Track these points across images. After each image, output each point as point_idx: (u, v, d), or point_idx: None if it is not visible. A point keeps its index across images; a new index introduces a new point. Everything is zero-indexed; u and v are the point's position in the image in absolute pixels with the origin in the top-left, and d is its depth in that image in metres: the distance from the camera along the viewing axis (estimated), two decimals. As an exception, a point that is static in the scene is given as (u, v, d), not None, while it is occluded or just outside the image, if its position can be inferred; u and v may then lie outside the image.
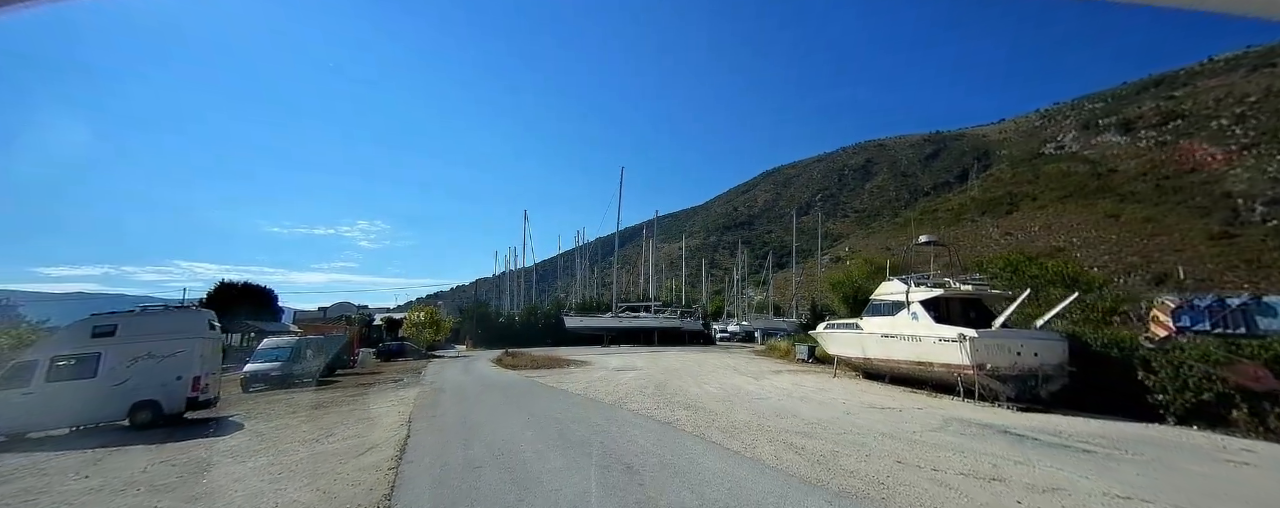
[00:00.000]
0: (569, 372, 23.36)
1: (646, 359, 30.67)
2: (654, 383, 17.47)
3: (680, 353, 37.19)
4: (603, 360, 30.52)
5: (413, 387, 19.52)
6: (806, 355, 27.11)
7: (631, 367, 25.20)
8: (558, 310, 56.24)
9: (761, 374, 20.37)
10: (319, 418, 12.93)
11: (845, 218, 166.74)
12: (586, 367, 26.06)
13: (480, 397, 15.69)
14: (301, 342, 23.74)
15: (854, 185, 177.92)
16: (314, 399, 17.06)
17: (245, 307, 61.41)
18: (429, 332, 45.05)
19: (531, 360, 30.11)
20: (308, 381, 24.34)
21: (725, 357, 32.50)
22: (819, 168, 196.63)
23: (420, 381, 22.28)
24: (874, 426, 9.62)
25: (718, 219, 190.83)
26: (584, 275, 72.67)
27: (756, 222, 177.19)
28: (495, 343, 53.46)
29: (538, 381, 19.38)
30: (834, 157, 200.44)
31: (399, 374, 27.15)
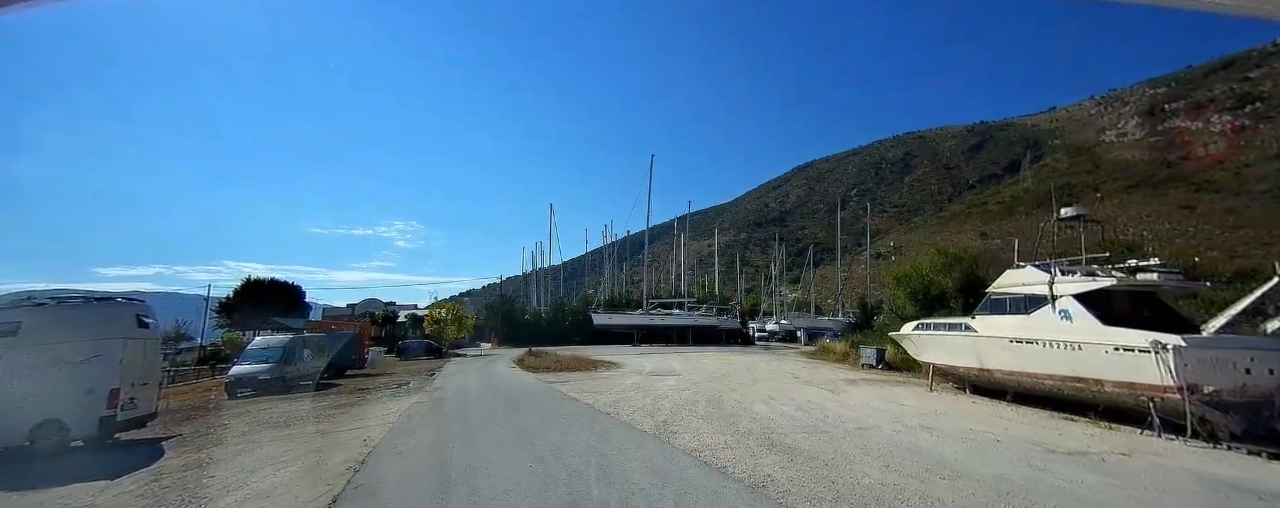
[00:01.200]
0: (597, 376, 19.79)
1: (684, 361, 26.87)
2: (704, 396, 13.69)
3: (720, 354, 33.22)
4: (635, 362, 26.88)
5: (413, 395, 16.27)
6: (874, 360, 22.86)
7: (669, 371, 21.46)
8: (586, 307, 52.97)
9: (834, 384, 16.35)
10: (271, 443, 9.69)
11: (883, 213, 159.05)
12: (617, 370, 22.47)
13: (484, 415, 12.22)
14: (296, 341, 20.90)
15: (892, 179, 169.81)
16: (290, 411, 13.94)
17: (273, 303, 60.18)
18: (452, 329, 42.32)
19: (556, 361, 26.71)
20: (305, 383, 21.51)
21: (774, 360, 28.42)
22: (854, 162, 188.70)
23: (427, 386, 19.07)
24: (1115, 502, 5.64)
25: (748, 216, 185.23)
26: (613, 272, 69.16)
27: (789, 218, 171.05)
28: (521, 341, 50.50)
29: (559, 389, 15.88)
30: (870, 150, 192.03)
31: (409, 376, 24.12)
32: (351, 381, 23.25)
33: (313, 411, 13.92)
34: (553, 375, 20.90)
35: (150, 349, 11.40)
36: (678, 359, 28.81)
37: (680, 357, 30.63)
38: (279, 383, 19.26)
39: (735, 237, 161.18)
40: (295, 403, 15.85)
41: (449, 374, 23.74)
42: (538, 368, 24.42)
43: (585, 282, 71.31)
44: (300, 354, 21.00)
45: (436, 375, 23.59)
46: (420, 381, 21.54)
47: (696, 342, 42.79)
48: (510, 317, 53.49)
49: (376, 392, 18.09)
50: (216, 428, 11.89)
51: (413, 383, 20.75)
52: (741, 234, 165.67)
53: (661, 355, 31.96)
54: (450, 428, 10.53)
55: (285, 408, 14.52)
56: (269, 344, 20.73)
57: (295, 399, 16.87)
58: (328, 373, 25.30)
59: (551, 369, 23.84)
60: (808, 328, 48.63)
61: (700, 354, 33.11)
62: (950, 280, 26.54)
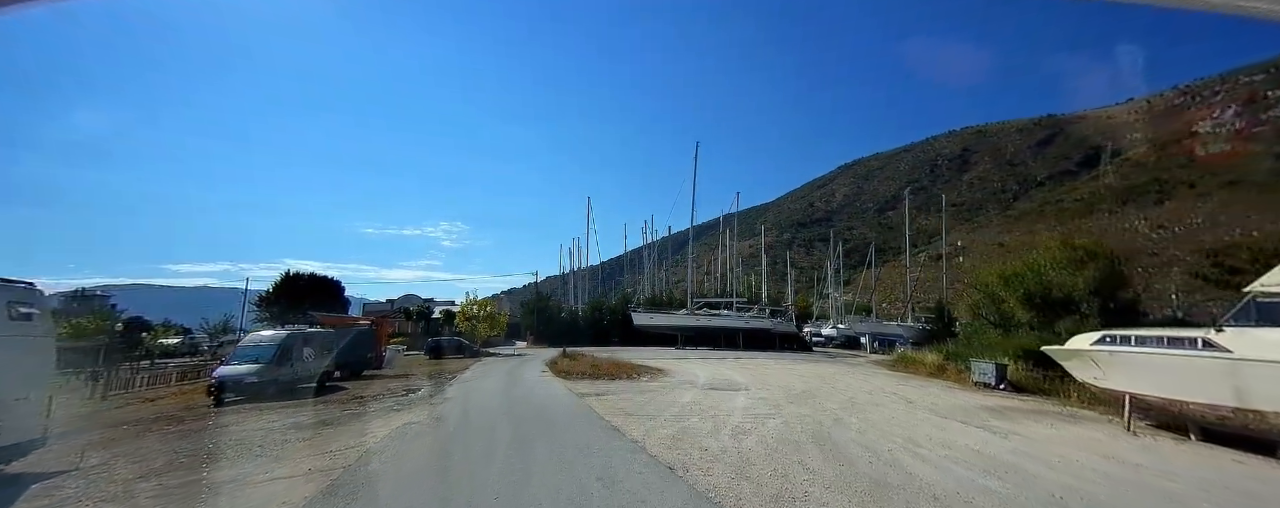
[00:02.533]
0: (642, 388, 15.83)
1: (744, 370, 22.57)
2: (803, 429, 9.49)
3: (781, 362, 28.67)
4: (684, 369, 22.78)
5: (415, 409, 12.75)
6: (993, 379, 17.96)
7: (731, 384, 17.25)
8: (625, 306, 49.18)
9: (973, 415, 11.78)
10: (173, 489, 6.23)
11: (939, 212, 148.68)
12: (664, 380, 18.44)
13: (483, 452, 8.41)
14: (293, 337, 17.84)
15: (949, 177, 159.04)
16: (251, 432, 10.61)
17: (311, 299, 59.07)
18: (484, 327, 39.36)
19: (592, 366, 22.93)
20: (306, 385, 18.49)
21: (853, 372, 23.73)
22: (906, 159, 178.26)
23: (438, 395, 15.60)
24: None
25: (791, 215, 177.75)
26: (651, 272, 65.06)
27: (835, 217, 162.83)
28: (557, 340, 47.18)
29: (595, 407, 12.03)
30: (923, 146, 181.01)
31: (426, 380, 20.84)
32: (360, 384, 20.14)
33: (279, 431, 10.52)
34: (588, 385, 17.06)
35: (32, 349, 8.12)
36: (734, 367, 24.51)
37: (737, 364, 26.29)
38: (271, 387, 16.19)
39: (778, 237, 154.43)
40: (272, 416, 12.58)
41: (470, 379, 20.31)
42: (571, 374, 20.68)
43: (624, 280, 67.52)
44: (299, 353, 17.94)
45: (456, 380, 20.21)
46: (434, 386, 18.16)
47: (748, 346, 38.29)
48: (546, 315, 50.32)
49: (377, 402, 14.70)
50: (128, 456, 8.58)
51: (424, 390, 17.37)
52: (784, 234, 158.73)
53: (713, 362, 27.72)
54: (431, 474, 6.79)
55: (250, 427, 11.20)
56: (261, 341, 17.74)
57: (279, 410, 13.63)
58: (342, 373, 22.44)
59: (587, 375, 20.05)
60: (874, 334, 43.20)
61: (758, 361, 28.64)
62: (1081, 280, 21.20)
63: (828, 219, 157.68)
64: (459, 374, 22.46)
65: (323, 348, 19.87)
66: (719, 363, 26.63)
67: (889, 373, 23.43)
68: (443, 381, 20.04)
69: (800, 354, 36.63)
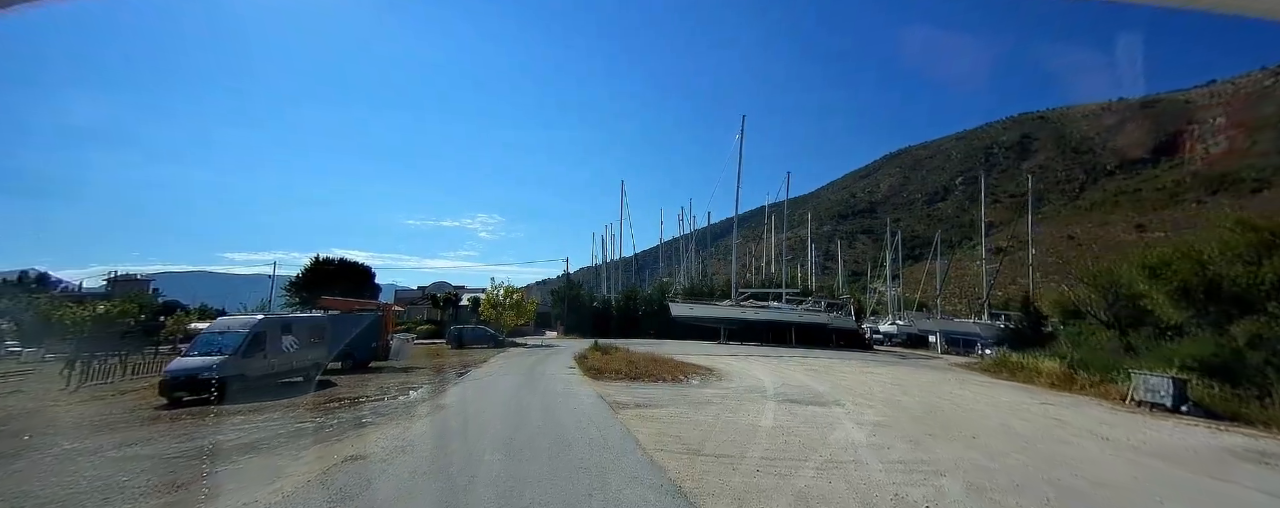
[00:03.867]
0: (694, 398, 11.84)
1: (814, 374, 18.29)
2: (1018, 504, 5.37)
3: (849, 363, 24.17)
4: (739, 369, 18.70)
5: (390, 425, 9.18)
6: (1170, 398, 13.15)
7: (812, 394, 13.09)
8: (661, 296, 45.25)
9: (1210, 463, 7.39)
10: None
11: (997, 203, 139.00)
12: (720, 385, 14.42)
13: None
14: (268, 324, 14.64)
15: (1006, 165, 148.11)
16: (156, 454, 7.19)
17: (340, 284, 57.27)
18: (511, 315, 36.15)
19: (627, 362, 19.10)
20: (291, 379, 15.39)
21: (949, 379, 19.11)
22: (957, 147, 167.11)
23: (432, 402, 12.05)
24: None
25: (832, 207, 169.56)
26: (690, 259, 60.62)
27: (880, 209, 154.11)
28: (589, 331, 43.75)
29: (639, 432, 8.17)
30: (977, 134, 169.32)
31: (431, 376, 17.50)
32: (356, 380, 16.90)
33: (185, 456, 7.07)
34: (624, 390, 13.22)
35: None
36: (799, 368, 20.24)
37: (800, 365, 21.97)
38: (237, 383, 13.02)
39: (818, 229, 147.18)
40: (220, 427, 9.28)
41: (482, 376, 16.78)
42: (603, 372, 16.89)
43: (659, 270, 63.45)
44: (276, 343, 14.72)
45: (465, 377, 16.75)
46: (435, 387, 14.69)
47: (801, 342, 33.80)
48: (577, 304, 46.94)
49: (351, 409, 11.24)
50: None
51: (423, 390, 13.91)
52: (824, 227, 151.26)
53: (772, 360, 23.51)
54: None
55: (154, 449, 7.82)
56: (230, 327, 14.58)
57: (220, 418, 10.35)
58: (345, 365, 19.39)
59: (621, 375, 16.22)
60: (945, 332, 37.85)
61: (822, 361, 24.21)
62: (1273, 271, 15.93)
63: (872, 210, 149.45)
64: (473, 369, 19.04)
65: (313, 336, 16.69)
66: (779, 362, 22.40)
67: (996, 382, 18.72)
68: (449, 378, 16.60)
69: (863, 353, 31.91)
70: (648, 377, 16.04)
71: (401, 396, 13.01)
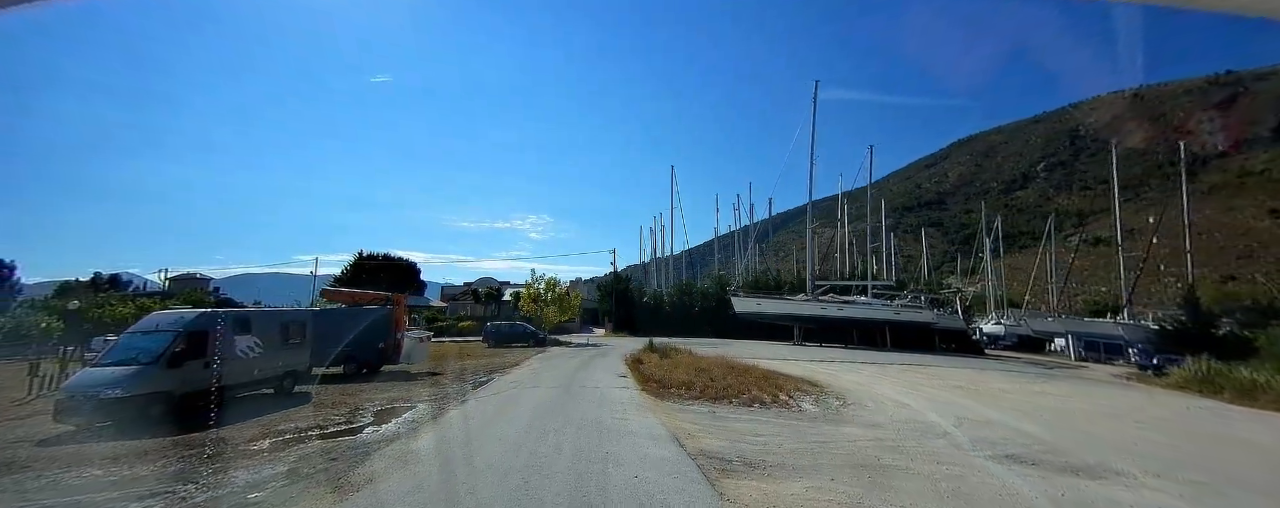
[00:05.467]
0: (835, 448, 6.58)
1: (969, 394, 12.58)
2: None
3: (986, 374, 18.13)
4: (855, 384, 13.22)
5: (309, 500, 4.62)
6: None
7: (1038, 445, 7.57)
8: (721, 290, 39.78)
9: None
10: None
11: (1086, 190, 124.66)
12: (851, 414, 9.08)
13: None
14: (212, 320, 10.54)
15: (1095, 149, 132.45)
16: None
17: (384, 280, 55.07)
18: (552, 311, 31.85)
19: (696, 371, 14.02)
20: (264, 390, 11.41)
21: (1174, 404, 12.92)
22: (1035, 132, 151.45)
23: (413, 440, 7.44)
24: None
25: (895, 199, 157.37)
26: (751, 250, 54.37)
27: (948, 200, 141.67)
28: (639, 329, 38.92)
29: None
30: (1057, 116, 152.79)
31: (441, 387, 13.11)
32: (344, 390, 12.73)
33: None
34: (705, 419, 8.19)
35: None
36: (935, 383, 14.53)
37: (926, 376, 16.19)
38: (159, 403, 9.06)
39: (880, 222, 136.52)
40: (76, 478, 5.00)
41: (504, 390, 12.16)
42: (667, 387, 11.89)
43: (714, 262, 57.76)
44: (228, 346, 10.62)
45: (485, 389, 12.24)
46: (439, 404, 10.18)
47: (898, 345, 27.60)
48: (625, 299, 42.23)
49: (281, 452, 6.80)
50: None
51: (414, 413, 9.41)
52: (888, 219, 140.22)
53: (880, 369, 17.82)
54: None
55: None
56: (160, 325, 10.58)
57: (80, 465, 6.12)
58: (349, 367, 15.43)
59: (693, 391, 11.18)
60: (1080, 335, 30.40)
61: (951, 372, 18.25)
62: None
63: (940, 202, 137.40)
64: (497, 377, 14.54)
65: (287, 336, 12.60)
66: (897, 373, 16.70)
67: (1266, 412, 12.34)
68: (461, 392, 12.08)
69: (983, 361, 25.39)
70: (732, 395, 10.92)
71: (377, 425, 8.51)
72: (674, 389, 11.66)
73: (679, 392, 11.34)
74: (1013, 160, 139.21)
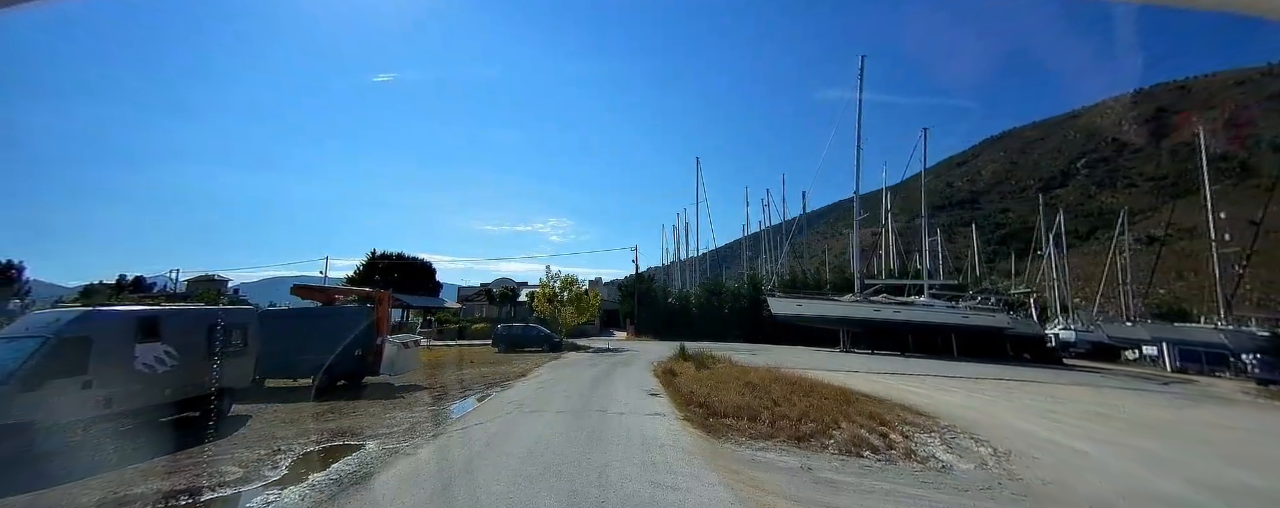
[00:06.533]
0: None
1: (1139, 433, 8.88)
2: None
3: (1102, 392, 14.26)
4: (969, 410, 9.52)
5: None
6: None
7: None
8: (754, 290, 36.12)
9: None
10: None
11: (1131, 187, 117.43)
12: (1063, 487, 5.53)
13: None
14: (98, 324, 7.61)
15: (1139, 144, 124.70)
16: None
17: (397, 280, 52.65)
18: (569, 312, 28.65)
19: (749, 389, 10.58)
20: (188, 412, 8.48)
21: None
22: (1073, 127, 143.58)
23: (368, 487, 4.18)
24: None
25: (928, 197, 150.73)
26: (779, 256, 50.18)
27: (982, 199, 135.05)
28: (664, 331, 35.53)
29: None
30: (1098, 110, 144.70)
31: (412, 413, 9.92)
32: (295, 412, 9.67)
33: None
34: (801, 486, 4.80)
35: None
36: (1072, 409, 10.81)
37: (1048, 398, 12.43)
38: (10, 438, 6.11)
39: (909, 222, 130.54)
40: None
41: (502, 413, 8.87)
42: (719, 414, 8.46)
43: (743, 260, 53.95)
44: (125, 357, 7.67)
45: (477, 412, 9.03)
46: (410, 437, 6.97)
47: (966, 353, 23.61)
48: (649, 300, 38.86)
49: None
50: None
51: (363, 455, 6.19)
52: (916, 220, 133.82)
53: (985, 385, 14.09)
54: None
55: None
56: (30, 329, 7.61)
57: None
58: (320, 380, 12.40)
59: (762, 427, 7.71)
60: (1175, 342, 25.92)
61: (1066, 391, 14.42)
62: None
63: (974, 201, 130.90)
64: (495, 394, 11.34)
65: (217, 342, 9.57)
66: (1009, 394, 12.95)
67: None
68: (438, 422, 8.87)
69: (1072, 372, 21.26)
70: (819, 432, 7.45)
71: (280, 486, 5.31)
72: (728, 419, 8.24)
73: (738, 423, 7.91)
74: (1051, 157, 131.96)
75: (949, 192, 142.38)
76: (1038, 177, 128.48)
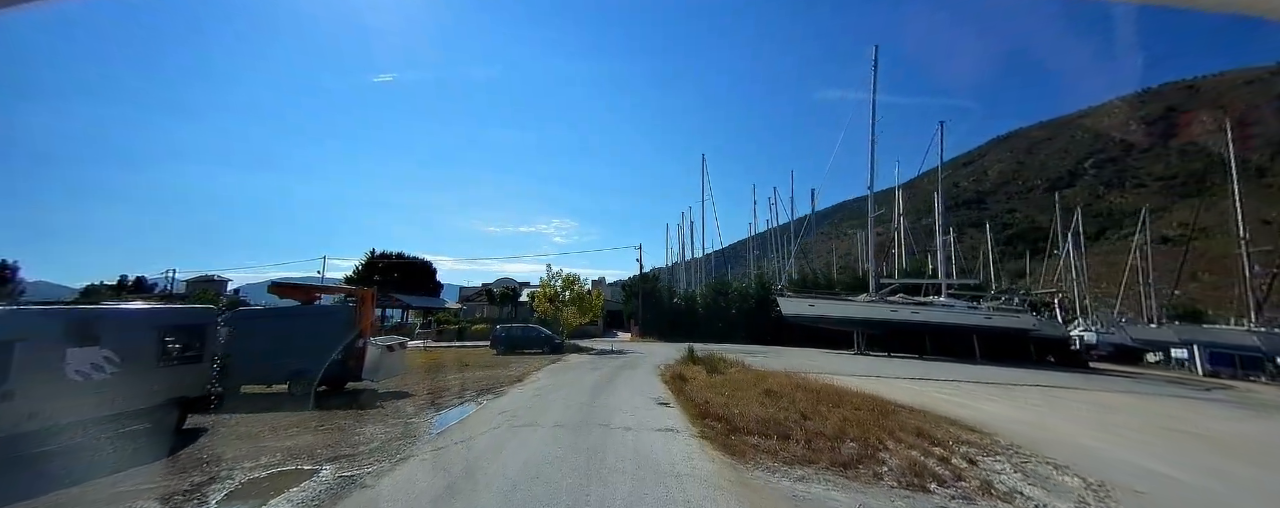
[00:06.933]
0: None
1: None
2: None
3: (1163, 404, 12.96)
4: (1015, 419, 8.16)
5: None
6: None
7: None
8: (763, 290, 34.85)
9: None
10: None
11: (1140, 188, 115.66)
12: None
13: None
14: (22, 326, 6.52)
15: (1147, 144, 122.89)
16: None
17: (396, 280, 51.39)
18: (571, 312, 27.46)
19: (769, 398, 9.36)
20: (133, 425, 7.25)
21: None
22: (1081, 127, 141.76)
23: None
24: None
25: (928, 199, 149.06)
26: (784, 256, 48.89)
27: (988, 199, 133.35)
28: (669, 332, 34.31)
29: None
30: (1104, 110, 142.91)
31: (390, 426, 8.69)
32: (260, 422, 8.49)
33: None
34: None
35: None
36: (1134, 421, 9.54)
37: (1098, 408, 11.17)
38: None
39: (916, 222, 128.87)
40: None
41: (490, 426, 7.65)
42: (741, 430, 7.23)
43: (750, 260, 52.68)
44: (51, 365, 6.50)
45: (462, 426, 7.79)
46: (376, 459, 5.77)
47: (990, 356, 22.28)
48: (653, 300, 37.62)
49: None
50: None
51: (317, 482, 5.02)
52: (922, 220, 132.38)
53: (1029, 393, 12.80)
54: None
55: None
56: None
57: None
58: (296, 387, 11.24)
59: (796, 449, 6.51)
60: (1209, 345, 24.55)
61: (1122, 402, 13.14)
62: None
63: (980, 201, 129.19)
64: (487, 403, 10.14)
65: (169, 347, 8.42)
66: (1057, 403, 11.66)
67: None
68: (414, 439, 7.65)
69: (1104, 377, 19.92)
70: (865, 456, 6.22)
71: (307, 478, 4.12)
72: (753, 436, 7.00)
73: (765, 442, 6.68)
74: (1057, 157, 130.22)
75: (955, 192, 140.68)
76: (1045, 177, 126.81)
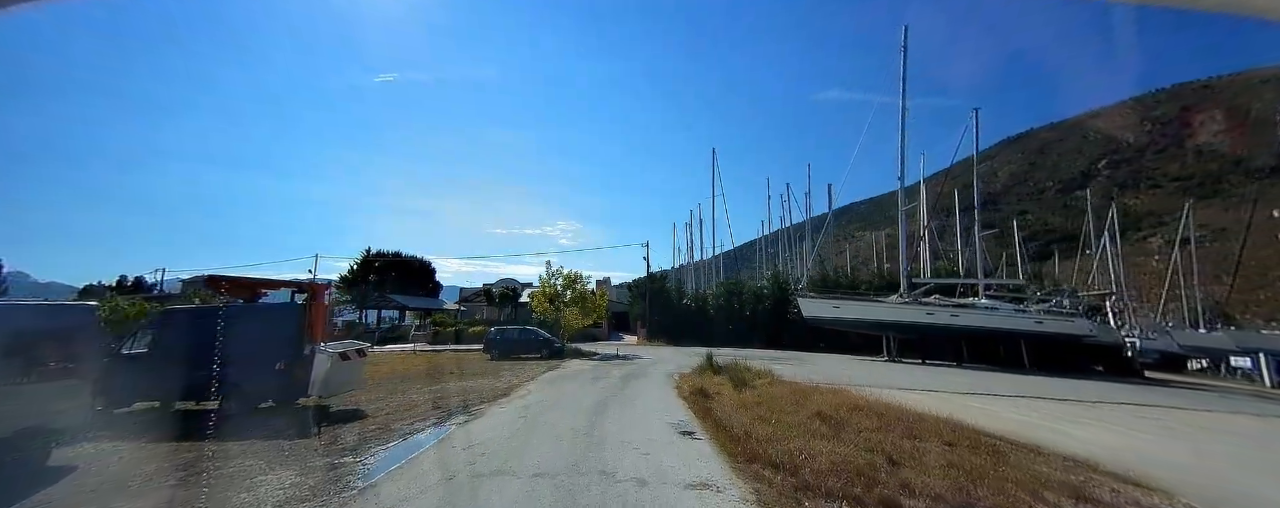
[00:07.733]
0: None
1: None
2: None
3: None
4: (1142, 456, 5.86)
5: None
6: None
7: None
8: (780, 290, 32.41)
9: None
10: None
11: (1156, 188, 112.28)
12: None
13: None
14: None
15: (1164, 144, 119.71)
16: None
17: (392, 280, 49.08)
18: (573, 313, 25.16)
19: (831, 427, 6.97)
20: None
21: None
22: (1093, 127, 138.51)
23: None
24: None
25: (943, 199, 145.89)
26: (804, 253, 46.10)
27: (999, 200, 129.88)
28: (678, 335, 31.90)
29: None
30: (1116, 111, 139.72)
31: (307, 470, 6.32)
32: (154, 454, 6.14)
33: None
34: None
35: None
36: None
37: (1213, 434, 8.80)
38: None
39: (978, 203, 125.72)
40: None
41: (447, 465, 5.30)
42: (810, 496, 4.92)
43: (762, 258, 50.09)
44: None
45: (411, 466, 5.44)
46: None
47: (1039, 365, 19.77)
48: (661, 300, 35.25)
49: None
50: None
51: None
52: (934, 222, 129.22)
53: (1118, 412, 10.38)
54: None
55: None
56: None
57: None
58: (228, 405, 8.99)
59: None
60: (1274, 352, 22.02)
61: (1241, 425, 10.74)
62: None
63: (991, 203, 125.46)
64: (456, 430, 7.80)
65: (37, 358, 6.16)
66: (1168, 428, 9.24)
67: None
68: (340, 488, 5.29)
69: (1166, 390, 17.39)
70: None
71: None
72: (837, 503, 4.65)
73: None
74: (1070, 158, 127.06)
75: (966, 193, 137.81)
76: (1057, 178, 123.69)
